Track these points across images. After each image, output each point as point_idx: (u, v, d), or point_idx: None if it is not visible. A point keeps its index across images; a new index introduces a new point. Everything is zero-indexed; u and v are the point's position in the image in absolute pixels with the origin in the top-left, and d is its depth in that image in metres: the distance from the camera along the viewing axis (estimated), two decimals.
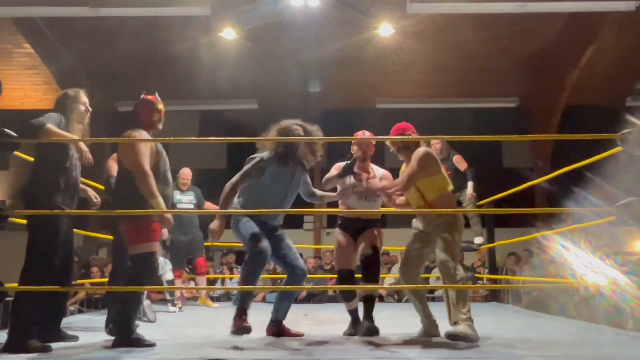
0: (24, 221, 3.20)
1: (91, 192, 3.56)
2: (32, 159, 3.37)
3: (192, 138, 3.96)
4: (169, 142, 12.67)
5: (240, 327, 3.21)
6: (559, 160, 3.48)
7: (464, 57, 10.11)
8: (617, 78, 10.43)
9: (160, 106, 3.46)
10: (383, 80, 10.81)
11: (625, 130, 2.96)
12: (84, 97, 3.38)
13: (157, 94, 3.51)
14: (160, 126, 3.46)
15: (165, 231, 5.02)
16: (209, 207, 6.04)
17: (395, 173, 3.84)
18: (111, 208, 3.34)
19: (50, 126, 3.06)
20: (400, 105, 11.26)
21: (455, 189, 6.18)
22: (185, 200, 6.02)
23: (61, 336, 3.28)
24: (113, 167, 4.10)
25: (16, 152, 3.47)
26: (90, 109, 3.41)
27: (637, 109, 10.63)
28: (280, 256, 3.60)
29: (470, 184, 5.96)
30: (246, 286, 3.36)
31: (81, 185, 3.44)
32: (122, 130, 3.45)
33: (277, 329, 3.55)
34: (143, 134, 3.27)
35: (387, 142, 3.72)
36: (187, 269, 7.08)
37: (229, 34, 9.30)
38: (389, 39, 9.57)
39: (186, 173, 6.13)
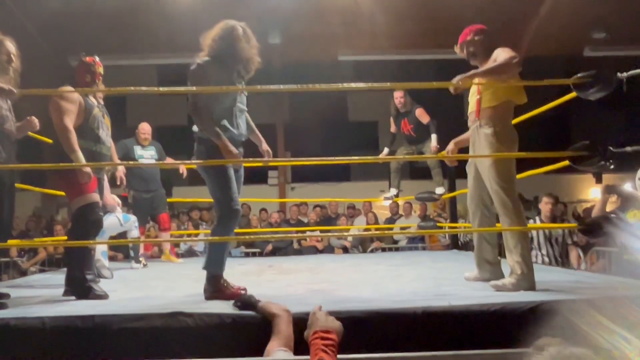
0: None
1: (31, 122, 3.36)
2: None
3: (149, 88, 3.87)
4: (127, 96, 12.32)
5: (235, 294, 2.77)
6: (519, 109, 3.54)
7: (426, 6, 10.01)
8: (575, 28, 10.54)
9: (97, 69, 3.57)
10: (344, 31, 10.64)
11: (579, 75, 3.00)
12: (8, 46, 3.16)
13: (96, 56, 3.61)
14: (95, 87, 3.56)
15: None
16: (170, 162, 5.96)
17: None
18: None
19: None
20: (363, 57, 11.17)
21: (418, 142, 6.26)
22: (147, 155, 5.90)
23: None
24: None
25: None
26: (14, 59, 3.17)
27: (595, 58, 10.83)
28: None
29: (433, 137, 6.01)
30: (217, 250, 3.00)
31: (17, 124, 3.29)
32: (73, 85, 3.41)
33: (213, 288, 2.98)
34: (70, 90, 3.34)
35: (457, 49, 3.46)
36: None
37: None
38: None
39: (146, 128, 5.99)
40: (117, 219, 4.80)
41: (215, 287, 2.96)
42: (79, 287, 3.13)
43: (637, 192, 3.99)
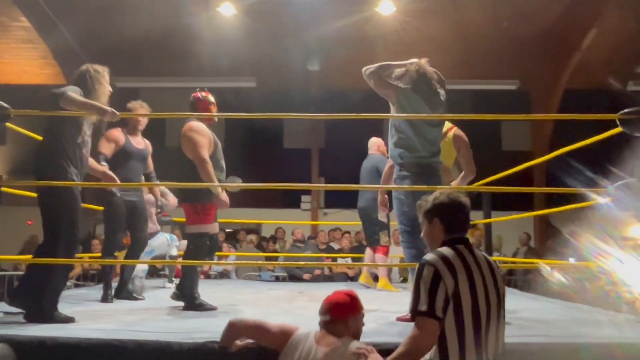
0: (33, 194, 3.17)
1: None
2: (28, 133, 3.38)
3: (190, 113, 3.95)
4: (169, 118, 12.64)
5: None
6: (558, 144, 3.48)
7: (465, 37, 10.02)
8: (619, 61, 10.37)
9: (213, 99, 3.83)
10: (383, 59, 10.65)
11: (625, 110, 2.93)
12: (107, 76, 3.31)
13: (205, 88, 3.88)
14: (216, 119, 3.87)
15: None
16: None
17: None
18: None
19: (72, 94, 3.01)
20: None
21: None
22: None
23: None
24: (104, 145, 4.15)
25: (12, 126, 3.41)
26: (110, 90, 3.32)
27: (638, 93, 10.59)
28: None
29: None
30: None
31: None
32: (122, 107, 3.57)
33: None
34: (200, 126, 3.65)
35: None
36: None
37: (227, 9, 9.17)
38: (390, 17, 9.48)
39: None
40: (166, 239, 5.04)
41: None
42: (190, 301, 3.48)
43: None
